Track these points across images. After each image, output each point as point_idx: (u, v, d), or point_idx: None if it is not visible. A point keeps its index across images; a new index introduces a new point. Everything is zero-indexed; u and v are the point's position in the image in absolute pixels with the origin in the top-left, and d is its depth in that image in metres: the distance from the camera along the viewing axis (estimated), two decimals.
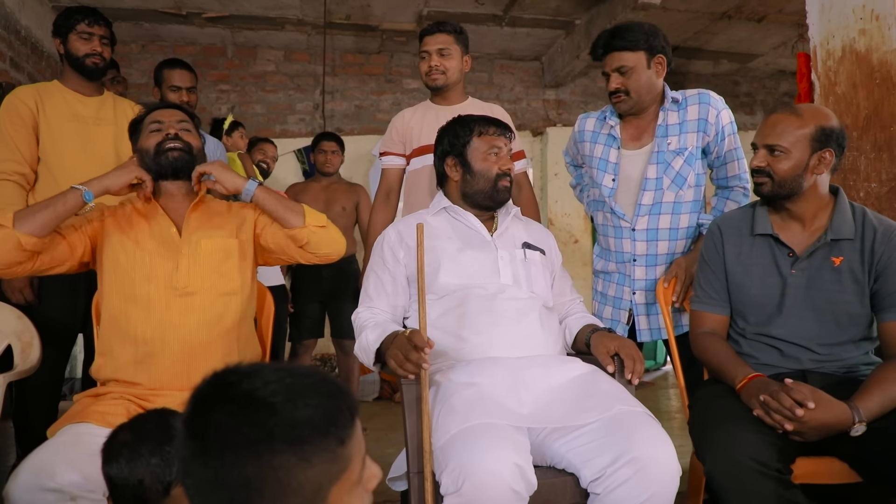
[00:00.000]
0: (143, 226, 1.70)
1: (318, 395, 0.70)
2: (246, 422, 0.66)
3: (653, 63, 2.03)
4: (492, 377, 1.49)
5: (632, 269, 2.11)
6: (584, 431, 1.39)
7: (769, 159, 1.63)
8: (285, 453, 0.66)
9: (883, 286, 1.59)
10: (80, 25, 2.26)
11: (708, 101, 2.05)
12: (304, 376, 0.71)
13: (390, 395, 4.29)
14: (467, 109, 2.26)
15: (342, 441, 0.69)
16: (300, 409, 0.67)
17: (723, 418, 1.50)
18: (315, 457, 0.67)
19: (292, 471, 0.66)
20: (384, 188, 2.48)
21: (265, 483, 0.66)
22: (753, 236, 1.72)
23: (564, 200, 5.30)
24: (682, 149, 2.04)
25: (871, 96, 2.32)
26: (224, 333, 1.66)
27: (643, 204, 2.06)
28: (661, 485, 1.30)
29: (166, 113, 1.77)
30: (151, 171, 1.71)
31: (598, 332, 1.70)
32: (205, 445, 0.67)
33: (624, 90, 2.04)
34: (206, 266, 1.68)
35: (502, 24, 4.75)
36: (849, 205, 1.66)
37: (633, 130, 2.13)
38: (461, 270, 1.72)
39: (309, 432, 0.67)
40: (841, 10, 2.42)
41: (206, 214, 1.76)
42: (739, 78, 5.87)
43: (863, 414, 1.42)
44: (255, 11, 4.44)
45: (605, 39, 2.05)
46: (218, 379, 0.71)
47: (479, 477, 1.22)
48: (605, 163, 2.14)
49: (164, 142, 1.71)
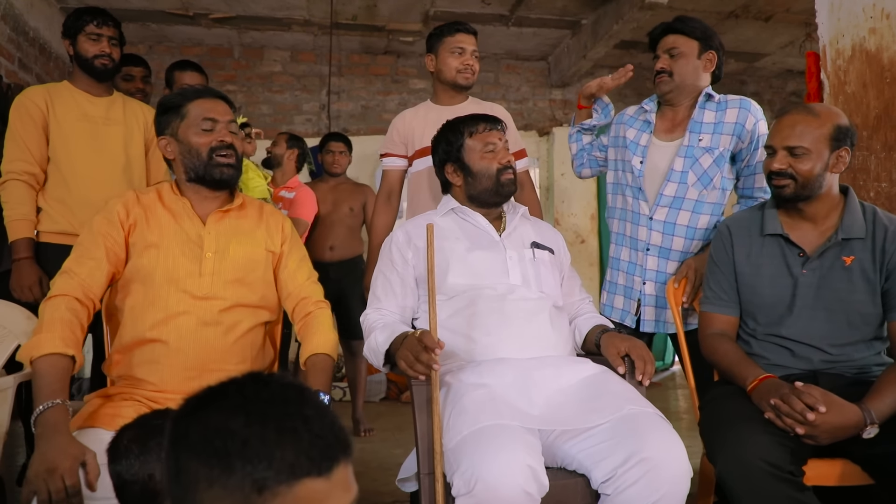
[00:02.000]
0: (169, 221, 1.62)
1: (286, 443, 0.66)
2: (216, 435, 0.65)
3: (703, 56, 2.08)
4: (502, 378, 1.48)
5: (644, 258, 2.12)
6: (594, 432, 1.39)
7: (790, 160, 1.61)
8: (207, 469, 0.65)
9: (893, 285, 1.59)
10: (88, 27, 2.27)
11: (749, 107, 2.07)
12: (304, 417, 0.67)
13: (397, 395, 4.29)
14: (468, 109, 2.26)
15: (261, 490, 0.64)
16: (269, 445, 0.64)
17: (734, 420, 1.49)
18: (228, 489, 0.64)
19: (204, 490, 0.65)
20: (385, 190, 2.48)
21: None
22: (763, 236, 1.72)
23: (571, 200, 5.29)
24: (712, 147, 2.05)
25: (882, 95, 2.31)
26: (240, 340, 1.62)
27: (665, 195, 2.07)
28: (671, 485, 1.30)
29: (220, 108, 1.65)
30: (190, 171, 1.63)
31: (608, 332, 1.70)
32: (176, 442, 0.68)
33: (669, 71, 2.08)
34: (232, 275, 1.62)
35: (509, 24, 4.75)
36: (859, 204, 1.65)
37: (667, 123, 2.15)
38: (470, 271, 1.71)
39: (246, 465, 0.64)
40: (851, 9, 2.41)
41: (237, 217, 1.71)
42: (746, 77, 5.85)
43: (874, 416, 1.41)
44: (261, 12, 4.45)
45: (666, 23, 2.11)
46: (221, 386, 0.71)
47: (491, 478, 1.22)
48: (635, 145, 2.16)
49: (219, 149, 1.61)
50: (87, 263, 1.54)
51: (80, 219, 2.17)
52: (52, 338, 1.40)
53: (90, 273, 1.53)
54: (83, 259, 1.54)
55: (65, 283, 1.51)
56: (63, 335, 1.42)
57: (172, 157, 1.65)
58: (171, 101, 1.65)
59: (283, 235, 1.78)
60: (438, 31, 2.43)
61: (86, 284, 1.52)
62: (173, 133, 1.64)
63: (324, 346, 1.66)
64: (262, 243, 1.71)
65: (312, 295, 1.77)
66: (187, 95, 1.66)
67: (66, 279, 1.52)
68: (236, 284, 1.63)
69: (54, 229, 2.23)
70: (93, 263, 1.54)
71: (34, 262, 2.19)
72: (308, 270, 1.81)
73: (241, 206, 1.73)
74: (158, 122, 1.67)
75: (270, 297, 1.72)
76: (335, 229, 3.54)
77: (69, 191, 2.23)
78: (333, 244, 3.51)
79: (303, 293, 1.75)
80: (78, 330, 1.46)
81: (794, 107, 1.67)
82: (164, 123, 1.65)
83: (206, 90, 1.69)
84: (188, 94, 1.66)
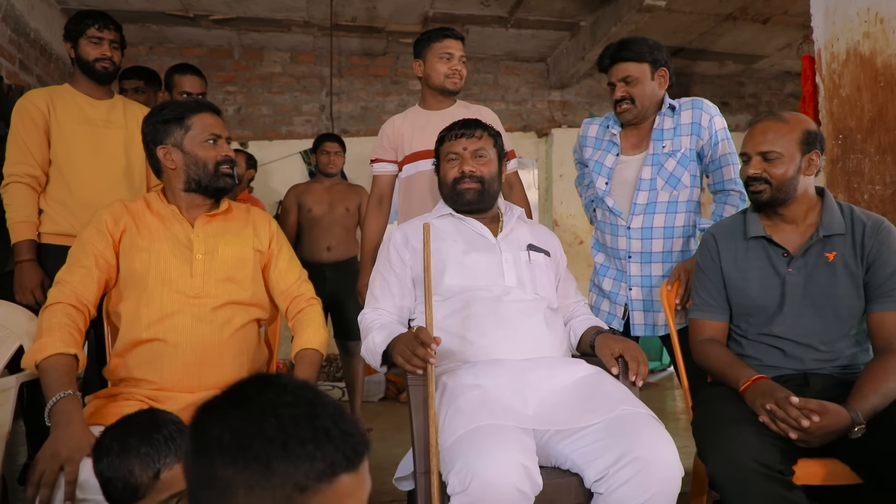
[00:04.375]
0: (158, 226, 1.68)
1: (323, 442, 0.67)
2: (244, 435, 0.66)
3: (656, 75, 2.14)
4: (497, 379, 1.51)
5: (627, 265, 2.18)
6: (587, 432, 1.41)
7: (764, 165, 1.67)
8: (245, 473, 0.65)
9: (872, 278, 1.64)
10: (90, 30, 2.29)
11: (701, 106, 2.15)
12: (326, 416, 0.69)
13: (395, 395, 4.31)
14: (456, 114, 2.28)
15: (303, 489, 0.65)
16: (305, 444, 0.66)
17: (725, 420, 1.52)
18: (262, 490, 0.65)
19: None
20: (377, 195, 2.50)
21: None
22: (747, 240, 1.76)
23: (569, 202, 5.31)
24: (674, 151, 2.12)
25: (876, 99, 2.33)
26: (235, 335, 1.66)
27: (638, 203, 2.14)
28: (662, 484, 1.32)
29: (220, 124, 1.72)
30: (192, 181, 1.68)
31: (602, 333, 1.72)
32: (201, 443, 0.69)
33: (629, 98, 2.12)
34: (222, 273, 1.67)
35: (507, 26, 4.77)
36: (836, 203, 1.71)
37: (633, 139, 2.22)
38: (466, 272, 1.74)
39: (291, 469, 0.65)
40: (845, 13, 2.43)
41: (224, 219, 1.76)
42: (745, 79, 5.87)
43: (860, 416, 1.44)
44: (261, 13, 4.46)
45: (613, 51, 2.15)
46: (240, 385, 0.72)
47: (486, 477, 1.24)
48: (600, 166, 2.23)
49: (223, 163, 1.69)
50: (77, 272, 1.60)
51: (81, 220, 2.18)
52: (53, 340, 1.47)
53: (81, 280, 1.59)
54: (74, 268, 1.61)
55: (59, 292, 1.58)
56: (63, 338, 1.48)
57: (174, 166, 1.68)
58: (172, 113, 1.69)
59: (270, 234, 1.83)
60: (426, 36, 2.44)
61: (78, 291, 1.58)
62: (176, 143, 1.67)
63: (313, 342, 1.73)
64: (250, 242, 1.76)
65: (305, 293, 1.83)
66: (188, 108, 1.70)
67: (59, 288, 1.59)
68: (227, 283, 1.68)
69: (55, 231, 2.25)
70: (83, 271, 1.60)
71: (37, 264, 2.21)
72: (298, 269, 1.87)
73: (228, 210, 1.78)
74: (155, 130, 1.69)
75: (260, 294, 1.77)
76: (332, 230, 3.55)
77: (70, 193, 2.25)
78: (330, 245, 3.52)
79: (295, 292, 1.82)
80: (76, 332, 1.53)
81: (765, 115, 1.75)
82: (163, 132, 1.68)
83: (202, 105, 1.74)
84: (189, 107, 1.71)
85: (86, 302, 1.59)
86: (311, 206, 3.56)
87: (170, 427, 1.20)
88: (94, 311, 1.62)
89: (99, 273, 1.62)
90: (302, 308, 1.80)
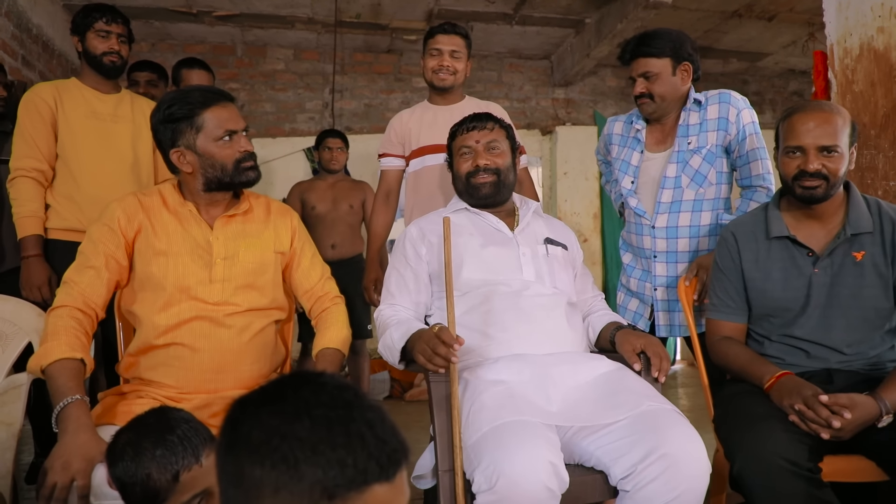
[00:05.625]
0: (175, 227, 1.61)
1: (356, 448, 0.64)
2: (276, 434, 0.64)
3: (678, 70, 2.06)
4: (519, 374, 1.48)
5: (652, 265, 2.14)
6: (613, 429, 1.39)
7: (824, 160, 1.56)
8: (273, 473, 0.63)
9: None
10: (97, 24, 2.26)
11: (728, 100, 2.07)
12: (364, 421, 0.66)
13: (401, 393, 4.29)
14: (465, 109, 2.26)
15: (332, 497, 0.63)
16: (337, 449, 0.63)
17: (751, 418, 1.49)
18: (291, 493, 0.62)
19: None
20: (384, 190, 2.48)
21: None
22: (769, 240, 1.70)
23: (574, 199, 5.30)
24: (700, 147, 2.06)
25: (890, 94, 2.31)
26: (254, 340, 1.62)
27: (662, 202, 2.09)
28: (691, 481, 1.30)
29: (234, 115, 1.60)
30: (213, 182, 1.59)
31: (622, 329, 1.70)
32: (235, 440, 0.66)
33: (648, 94, 2.06)
34: (242, 280, 1.61)
35: (512, 23, 4.74)
36: (862, 198, 1.65)
37: (657, 135, 2.16)
38: (484, 266, 1.71)
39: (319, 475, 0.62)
40: (859, 8, 2.41)
41: (244, 220, 1.69)
42: (749, 77, 5.86)
43: (888, 405, 1.43)
44: (265, 10, 4.44)
45: (633, 45, 2.08)
46: (274, 384, 0.69)
47: (513, 474, 1.22)
48: (626, 164, 2.18)
49: (243, 160, 1.59)
50: (87, 273, 1.54)
51: (88, 215, 2.16)
52: (59, 345, 1.42)
53: (90, 283, 1.53)
54: (83, 268, 1.55)
55: (66, 294, 1.52)
56: (69, 342, 1.43)
57: (190, 169, 1.59)
58: (179, 112, 1.55)
59: (292, 230, 1.78)
60: (426, 33, 2.43)
61: (86, 294, 1.53)
62: (189, 145, 1.56)
63: (334, 341, 1.69)
64: (271, 245, 1.70)
65: (330, 291, 1.80)
66: (195, 103, 1.56)
67: (67, 290, 1.53)
68: (247, 290, 1.62)
69: (62, 226, 2.22)
70: (93, 272, 1.54)
71: (43, 259, 2.18)
72: (321, 267, 1.82)
73: (248, 210, 1.71)
74: (165, 131, 1.57)
75: (280, 298, 1.72)
76: (336, 227, 3.52)
77: (77, 187, 2.23)
78: (335, 242, 3.49)
79: (319, 291, 1.78)
80: (83, 336, 1.48)
81: (811, 104, 1.62)
82: (174, 134, 1.56)
83: (211, 95, 1.60)
84: (195, 102, 1.56)
85: (93, 305, 1.53)
86: (315, 204, 3.53)
87: (183, 427, 1.16)
88: (102, 313, 1.57)
89: (109, 275, 1.56)
90: (326, 307, 1.76)
